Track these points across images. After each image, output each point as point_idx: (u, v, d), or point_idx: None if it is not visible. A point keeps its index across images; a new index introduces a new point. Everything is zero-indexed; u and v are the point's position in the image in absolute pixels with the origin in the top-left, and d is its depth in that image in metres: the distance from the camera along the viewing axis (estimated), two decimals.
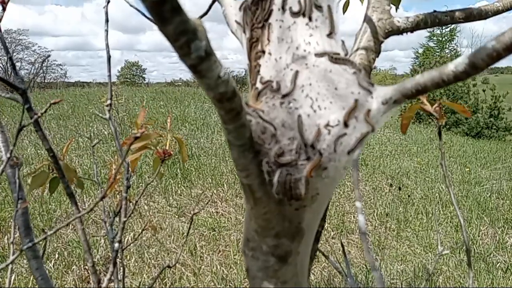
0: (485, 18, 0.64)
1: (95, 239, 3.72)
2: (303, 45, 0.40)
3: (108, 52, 0.78)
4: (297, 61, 0.39)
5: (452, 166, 7.22)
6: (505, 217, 4.78)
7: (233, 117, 0.30)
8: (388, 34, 0.64)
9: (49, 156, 0.74)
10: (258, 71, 0.44)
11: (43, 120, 8.05)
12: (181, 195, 4.90)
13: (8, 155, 0.67)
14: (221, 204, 4.70)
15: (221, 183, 5.27)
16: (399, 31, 0.64)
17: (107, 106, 0.75)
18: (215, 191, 5.02)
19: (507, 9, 0.63)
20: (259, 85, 0.41)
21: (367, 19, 0.63)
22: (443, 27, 16.27)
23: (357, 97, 0.36)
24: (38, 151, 6.26)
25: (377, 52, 0.63)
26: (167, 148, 0.85)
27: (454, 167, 7.11)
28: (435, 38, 16.25)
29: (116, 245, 0.67)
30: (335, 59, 0.39)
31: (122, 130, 7.27)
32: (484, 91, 12.89)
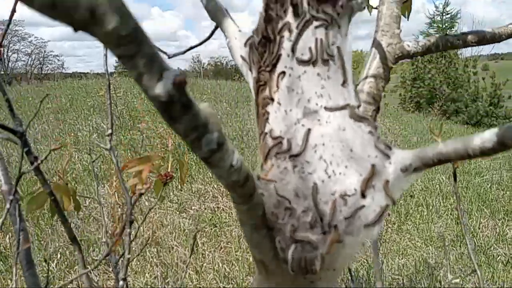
0: (498, 41, 0.61)
1: (96, 237, 3.73)
2: (314, 98, 0.38)
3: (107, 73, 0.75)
4: (309, 116, 0.37)
5: None
6: (506, 209, 4.79)
7: (246, 199, 0.28)
8: (397, 59, 0.61)
9: (49, 198, 0.71)
10: (267, 119, 0.42)
11: (41, 114, 8.01)
12: (181, 191, 4.89)
13: (11, 196, 0.64)
14: (222, 199, 4.70)
15: None
16: (409, 55, 0.62)
17: (107, 136, 0.73)
18: (215, 186, 5.01)
19: None
20: (269, 140, 0.39)
21: (376, 44, 0.61)
22: (444, 14, 16.07)
23: (374, 162, 0.34)
24: (37, 146, 6.24)
25: (387, 79, 0.61)
26: (169, 169, 0.83)
27: None
28: (435, 25, 16.05)
29: (121, 282, 0.65)
30: (350, 115, 0.37)
31: (121, 124, 7.24)
32: (483, 79, 12.82)
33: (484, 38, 0.61)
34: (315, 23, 0.39)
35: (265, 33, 0.43)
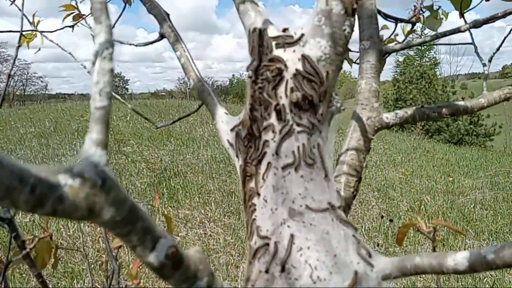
0: (470, 113, 0.65)
1: (81, 268, 3.64)
2: (298, 199, 0.40)
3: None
4: (294, 217, 0.39)
5: (436, 175, 7.34)
6: (489, 229, 4.88)
7: None
8: (377, 131, 0.64)
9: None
10: (254, 211, 0.43)
11: (24, 138, 7.87)
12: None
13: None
14: (209, 224, 4.66)
15: (208, 202, 5.23)
16: (388, 126, 0.65)
17: None
18: (202, 211, 4.98)
19: (491, 105, 0.65)
20: (256, 239, 0.41)
21: (356, 117, 0.64)
22: (422, 36, 16.57)
23: (356, 268, 0.36)
24: None
25: (367, 150, 0.64)
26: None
27: (438, 176, 7.23)
28: (415, 34, 16.58)
29: None
30: (333, 217, 0.39)
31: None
32: (463, 98, 13.22)
33: (457, 111, 0.64)
34: (298, 129, 0.41)
35: (251, 130, 0.45)
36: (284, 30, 0.44)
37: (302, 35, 0.41)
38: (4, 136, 8.10)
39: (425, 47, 15.81)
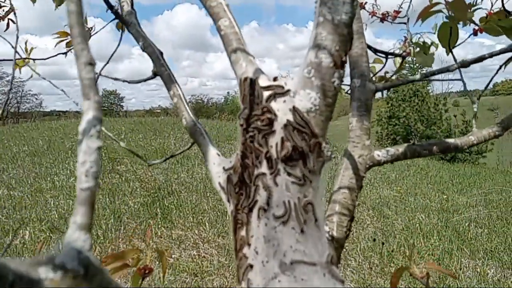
0: (460, 151, 0.65)
1: None
2: (290, 252, 0.39)
3: None
4: (285, 271, 0.39)
5: (430, 193, 7.35)
6: (484, 247, 4.87)
7: None
8: (368, 168, 0.64)
9: None
10: (245, 262, 0.43)
11: (17, 157, 7.80)
12: (161, 237, 4.77)
13: None
14: (203, 245, 4.60)
15: (202, 222, 5.18)
16: (379, 163, 0.65)
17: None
18: (196, 231, 4.92)
19: (480, 142, 0.65)
20: None
21: (347, 155, 0.64)
22: (414, 66, 16.95)
23: None
24: (11, 192, 6.02)
25: (359, 187, 0.64)
26: (148, 263, 0.82)
27: (432, 194, 7.25)
28: (407, 65, 16.91)
29: None
30: (324, 272, 0.38)
31: (100, 167, 7.09)
32: (455, 116, 13.39)
33: (448, 148, 0.65)
34: (289, 179, 0.41)
35: (242, 177, 0.45)
36: (275, 79, 0.44)
37: (289, 90, 0.41)
38: None
39: (417, 65, 16.10)
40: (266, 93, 0.43)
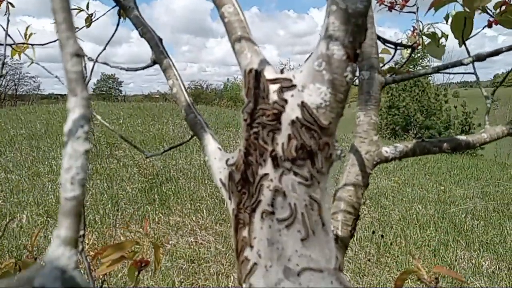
0: (473, 148, 0.63)
1: None
2: (295, 257, 0.37)
3: None
4: (290, 278, 0.36)
5: (427, 184, 7.37)
6: (480, 239, 4.90)
7: None
8: (376, 165, 0.62)
9: None
10: (247, 265, 0.41)
11: (14, 140, 7.75)
12: (158, 223, 4.78)
13: None
14: (200, 232, 4.61)
15: (200, 209, 5.18)
16: (387, 160, 0.62)
17: (79, 237, 0.70)
18: (194, 218, 4.92)
19: (493, 140, 0.63)
20: None
21: (354, 151, 0.61)
22: (423, 56, 16.79)
23: None
24: (9, 176, 6.00)
25: (366, 185, 0.61)
26: (144, 256, 0.80)
27: (430, 185, 7.26)
28: (420, 48, 16.74)
29: None
30: (332, 279, 0.36)
31: (98, 152, 7.08)
32: (455, 107, 13.35)
33: (459, 145, 0.62)
34: (295, 179, 0.39)
35: (244, 175, 0.42)
36: (282, 71, 0.41)
37: (295, 85, 0.38)
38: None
39: (418, 55, 15.98)
40: (272, 87, 0.40)
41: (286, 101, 0.39)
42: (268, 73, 0.40)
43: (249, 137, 0.41)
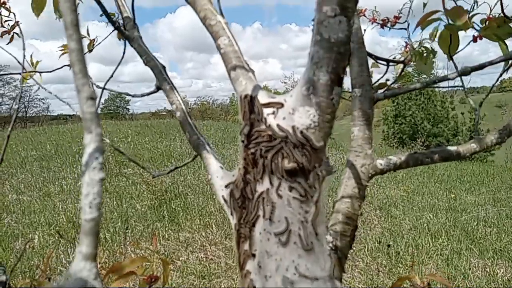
0: (463, 158, 0.66)
1: None
2: (292, 267, 0.40)
3: None
4: (288, 287, 0.39)
5: (437, 192, 7.30)
6: (494, 247, 4.82)
7: None
8: (371, 177, 0.65)
9: None
10: (249, 277, 0.44)
11: (25, 162, 7.88)
12: (168, 240, 4.80)
13: None
14: (210, 248, 4.62)
15: (209, 224, 5.19)
16: (382, 172, 0.65)
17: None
18: (203, 234, 4.94)
19: (483, 149, 0.66)
20: None
21: (350, 165, 0.65)
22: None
23: None
24: (20, 197, 6.09)
25: (362, 197, 0.64)
26: (154, 269, 0.83)
27: (440, 193, 7.20)
28: (412, 63, 16.79)
29: None
30: (327, 284, 0.39)
31: (107, 170, 7.16)
32: (462, 114, 13.27)
33: (450, 156, 0.65)
34: (290, 195, 0.42)
35: (244, 192, 0.46)
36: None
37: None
38: (5, 160, 8.11)
39: (422, 76, 16.00)
40: (266, 110, 0.44)
41: (278, 123, 0.43)
42: (262, 98, 0.44)
43: (246, 156, 0.45)
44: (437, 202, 6.51)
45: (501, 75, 0.77)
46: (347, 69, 0.46)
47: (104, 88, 0.89)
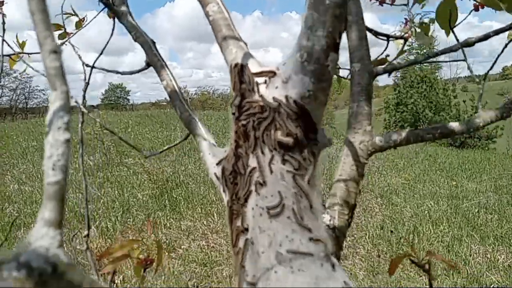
0: (466, 133, 0.63)
1: None
2: (285, 242, 0.38)
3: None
4: (282, 262, 0.37)
5: (439, 179, 7.29)
6: (495, 234, 4.82)
7: None
8: (370, 155, 0.63)
9: None
10: (241, 252, 0.42)
11: (26, 152, 7.89)
12: (170, 228, 4.81)
13: None
14: (212, 236, 4.63)
15: (211, 213, 5.20)
16: (381, 149, 0.63)
17: (84, 236, 0.72)
18: (205, 222, 4.94)
19: (486, 124, 0.63)
20: (243, 284, 0.39)
21: (347, 142, 0.62)
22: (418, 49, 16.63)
23: None
24: (22, 187, 6.10)
25: (361, 175, 0.62)
26: (148, 254, 0.82)
27: (441, 181, 7.18)
28: (414, 51, 16.66)
29: None
30: (322, 261, 0.37)
31: (108, 160, 7.16)
32: (464, 102, 13.16)
33: (452, 131, 0.63)
34: (284, 168, 0.40)
35: (236, 167, 0.44)
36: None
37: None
38: (6, 151, 8.12)
39: (424, 51, 15.84)
40: (257, 80, 0.41)
41: (270, 93, 0.40)
42: (253, 67, 0.42)
43: (238, 129, 0.42)
44: (439, 190, 6.50)
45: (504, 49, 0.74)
46: (340, 41, 0.43)
47: (93, 67, 0.86)
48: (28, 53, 1.18)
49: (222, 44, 0.44)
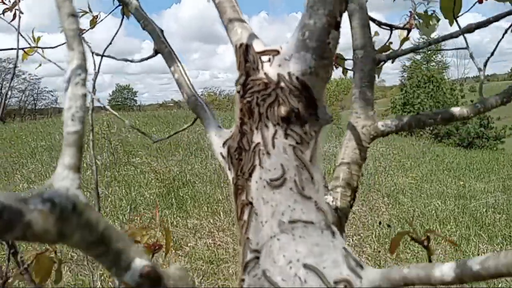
0: (467, 119, 0.64)
1: (90, 278, 3.65)
2: (288, 211, 0.40)
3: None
4: (284, 230, 0.39)
5: (446, 179, 7.23)
6: (503, 233, 4.78)
7: None
8: (372, 139, 0.64)
9: None
10: (245, 223, 0.44)
11: (35, 152, 7.98)
12: (177, 227, 4.84)
13: None
14: (218, 234, 4.65)
15: (217, 211, 5.23)
16: (383, 134, 0.64)
17: None
18: (211, 220, 4.97)
19: (487, 109, 0.64)
20: (247, 252, 0.41)
21: (350, 126, 0.64)
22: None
23: (346, 282, 0.36)
24: (31, 186, 6.18)
25: (363, 159, 0.63)
26: (156, 240, 0.84)
27: (449, 180, 7.13)
28: (421, 51, 16.60)
29: None
30: (323, 229, 0.39)
31: (115, 160, 7.23)
32: (472, 101, 13.05)
33: (453, 117, 0.64)
34: (286, 142, 0.41)
35: (241, 143, 0.45)
36: None
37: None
38: (16, 151, 8.24)
39: (431, 51, 15.76)
40: (261, 58, 0.43)
41: (274, 70, 0.42)
42: (257, 46, 0.44)
43: (243, 106, 0.44)
44: (446, 190, 6.46)
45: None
46: (341, 20, 0.45)
47: (103, 56, 0.89)
48: (42, 47, 1.21)
49: (227, 26, 0.46)
